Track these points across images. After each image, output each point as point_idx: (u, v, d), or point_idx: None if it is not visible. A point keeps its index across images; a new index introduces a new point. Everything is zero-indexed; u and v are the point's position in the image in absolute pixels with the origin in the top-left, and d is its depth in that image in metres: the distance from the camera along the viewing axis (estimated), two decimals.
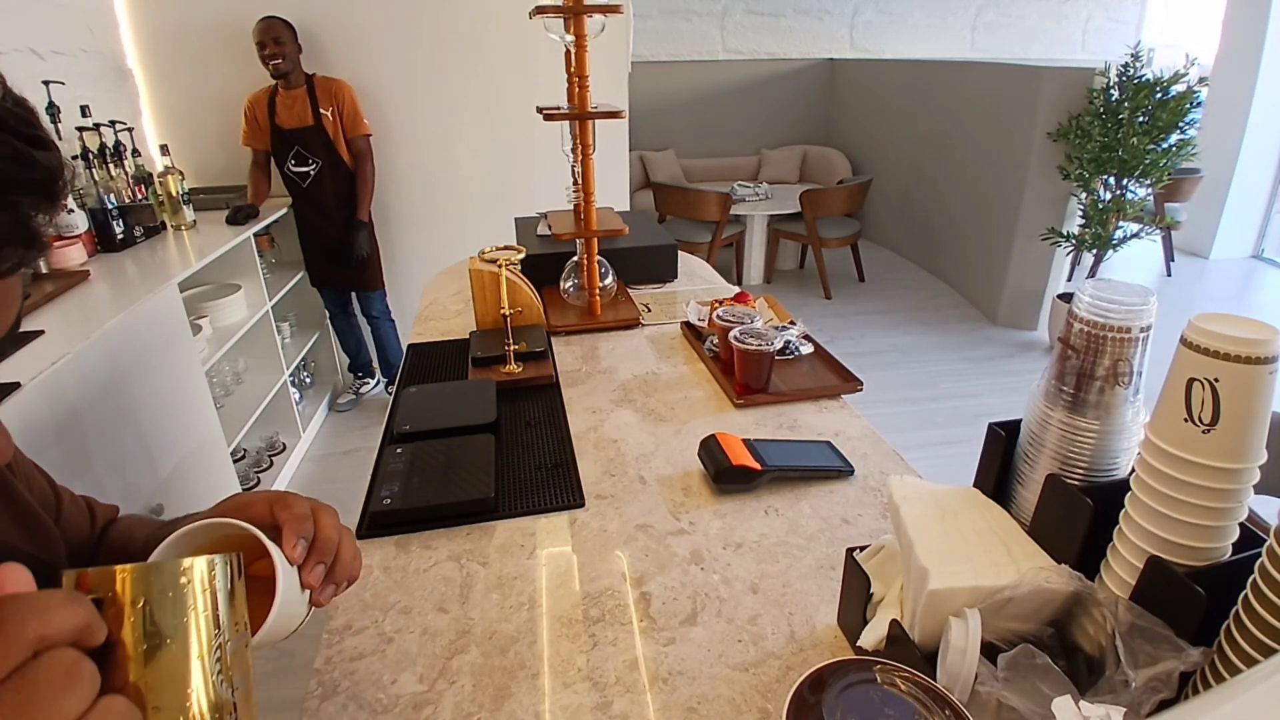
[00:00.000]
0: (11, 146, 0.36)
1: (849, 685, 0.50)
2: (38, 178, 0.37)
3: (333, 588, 0.51)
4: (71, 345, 1.50)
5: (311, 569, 0.48)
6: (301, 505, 0.50)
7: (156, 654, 0.33)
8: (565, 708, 0.66)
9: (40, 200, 0.38)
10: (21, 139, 0.37)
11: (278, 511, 0.49)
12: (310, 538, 0.49)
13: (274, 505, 0.49)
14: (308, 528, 0.49)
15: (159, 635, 0.33)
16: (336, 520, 0.52)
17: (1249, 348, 0.45)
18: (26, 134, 0.37)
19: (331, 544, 0.50)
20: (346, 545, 0.52)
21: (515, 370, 1.27)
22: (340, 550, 0.51)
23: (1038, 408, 0.63)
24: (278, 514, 0.49)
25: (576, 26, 1.32)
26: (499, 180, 3.15)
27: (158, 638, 0.33)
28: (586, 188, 1.46)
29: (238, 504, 0.50)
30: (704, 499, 0.96)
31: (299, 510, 0.49)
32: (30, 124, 0.38)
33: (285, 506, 0.49)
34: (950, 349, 3.88)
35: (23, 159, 0.36)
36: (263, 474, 2.63)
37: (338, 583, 0.51)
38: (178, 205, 2.46)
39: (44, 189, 0.38)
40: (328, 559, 0.50)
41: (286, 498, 0.50)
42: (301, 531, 0.48)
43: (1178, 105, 3.20)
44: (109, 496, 0.67)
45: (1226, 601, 0.47)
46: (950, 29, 6.15)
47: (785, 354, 1.33)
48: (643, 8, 5.51)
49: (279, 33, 2.55)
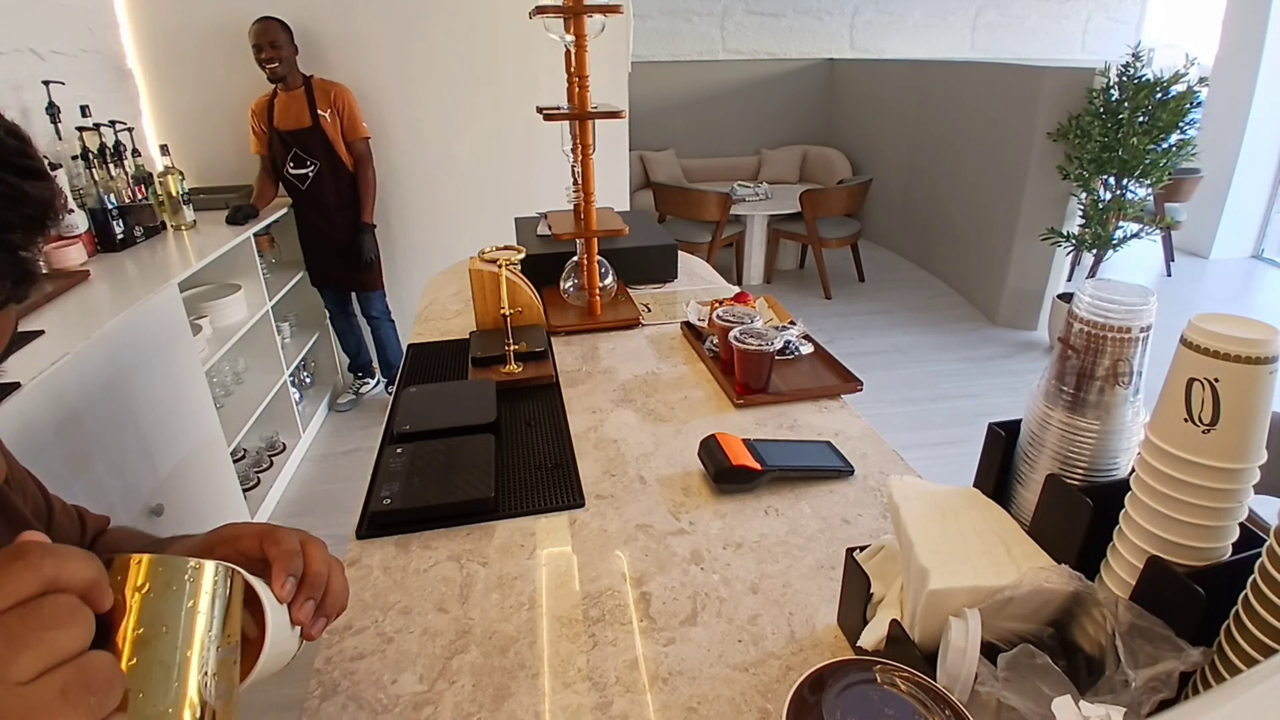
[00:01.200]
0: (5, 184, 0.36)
1: (849, 685, 0.50)
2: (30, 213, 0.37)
3: (324, 621, 0.50)
4: (71, 345, 1.50)
5: (301, 605, 0.48)
6: (291, 540, 0.50)
7: (150, 642, 0.33)
8: (565, 708, 0.66)
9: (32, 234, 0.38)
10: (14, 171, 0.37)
11: (267, 547, 0.49)
12: (299, 574, 0.49)
13: (264, 540, 0.49)
14: (297, 564, 0.49)
15: (156, 624, 0.34)
16: (326, 553, 0.52)
17: (1249, 348, 0.45)
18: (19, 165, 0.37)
19: (321, 579, 0.50)
20: (336, 578, 0.52)
21: (515, 370, 1.27)
22: (330, 583, 0.51)
23: (1038, 408, 0.63)
24: (267, 549, 0.49)
25: (576, 26, 1.32)
26: (499, 180, 3.15)
27: (154, 627, 0.34)
28: (586, 188, 1.46)
29: (227, 535, 0.50)
30: (704, 499, 0.96)
31: (288, 546, 0.49)
32: (24, 154, 0.38)
33: (275, 542, 0.49)
34: (950, 349, 3.88)
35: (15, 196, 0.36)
36: (263, 474, 2.63)
37: (329, 616, 0.51)
38: (178, 205, 2.46)
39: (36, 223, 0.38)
40: (317, 594, 0.49)
41: (276, 533, 0.50)
42: (290, 569, 0.48)
43: (1178, 105, 3.20)
44: (109, 496, 0.67)
45: (1226, 601, 0.47)
46: (950, 29, 6.15)
47: (785, 354, 1.33)
48: (643, 8, 5.51)
49: (274, 35, 2.53)
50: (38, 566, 0.30)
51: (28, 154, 0.38)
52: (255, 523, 0.52)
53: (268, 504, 2.54)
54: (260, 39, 2.53)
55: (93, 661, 0.30)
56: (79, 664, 0.30)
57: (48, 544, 0.31)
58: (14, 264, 0.37)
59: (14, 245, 0.37)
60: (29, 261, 0.38)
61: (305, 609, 0.48)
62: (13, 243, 0.37)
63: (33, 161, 0.38)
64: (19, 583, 0.29)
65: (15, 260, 0.37)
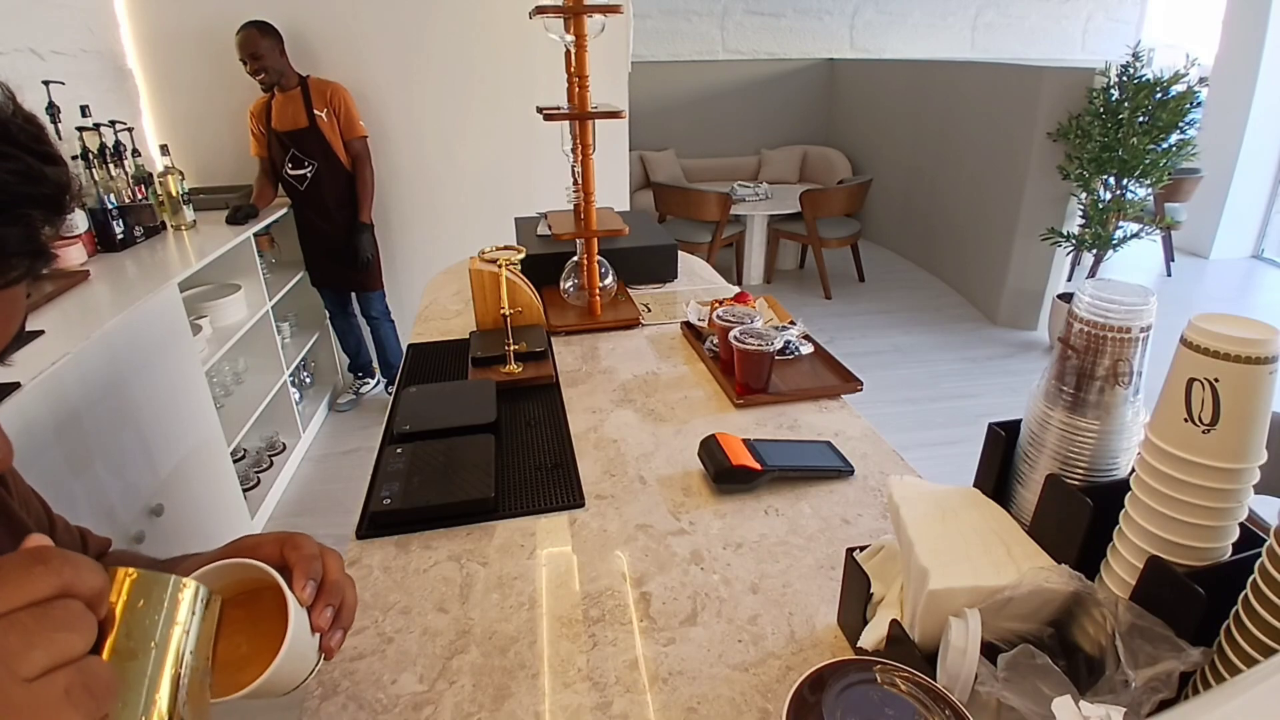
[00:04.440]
0: (23, 162, 0.37)
1: (849, 685, 0.50)
2: (47, 192, 0.39)
3: (341, 633, 0.51)
4: (71, 345, 1.50)
5: (321, 611, 0.48)
6: (311, 546, 0.50)
7: (133, 653, 0.35)
8: (565, 708, 0.66)
9: (49, 214, 0.39)
10: (32, 155, 0.38)
11: (287, 552, 0.49)
12: (319, 579, 0.49)
13: (284, 546, 0.50)
14: (317, 569, 0.49)
15: (138, 637, 0.35)
16: (343, 564, 0.52)
17: (1249, 348, 0.45)
18: (37, 150, 0.39)
19: (339, 587, 0.50)
20: (350, 591, 0.52)
21: (515, 370, 1.27)
22: (344, 594, 0.51)
23: (1038, 408, 0.63)
24: (287, 555, 0.49)
25: (576, 26, 1.32)
26: (499, 180, 3.15)
27: (137, 639, 0.35)
28: (586, 188, 1.46)
29: (247, 545, 0.51)
30: (704, 499, 0.96)
31: (308, 551, 0.50)
32: (40, 140, 0.39)
33: (295, 547, 0.49)
34: (950, 349, 3.88)
35: (34, 174, 0.38)
36: (263, 474, 2.63)
37: (345, 628, 0.51)
38: (178, 205, 2.46)
39: (53, 203, 0.39)
40: (336, 601, 0.50)
41: (296, 538, 0.50)
42: (311, 573, 0.48)
43: (1178, 105, 3.20)
44: (109, 496, 0.67)
45: (1226, 601, 0.47)
46: (950, 29, 6.15)
47: (785, 354, 1.33)
48: (643, 8, 5.51)
49: (254, 46, 2.49)
50: (58, 571, 0.31)
51: (43, 140, 0.39)
52: (273, 532, 0.52)
53: (268, 504, 2.54)
54: (241, 51, 2.51)
55: (93, 666, 0.32)
56: (80, 667, 0.31)
57: (65, 551, 0.33)
58: (31, 239, 0.38)
59: (33, 222, 0.38)
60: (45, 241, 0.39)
61: (325, 615, 0.48)
62: (33, 220, 0.38)
63: (49, 148, 0.40)
64: (39, 584, 0.31)
65: (34, 236, 0.38)
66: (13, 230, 0.37)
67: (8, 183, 0.36)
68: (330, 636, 0.49)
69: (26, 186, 0.37)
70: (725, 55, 5.91)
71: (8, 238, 0.37)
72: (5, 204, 0.37)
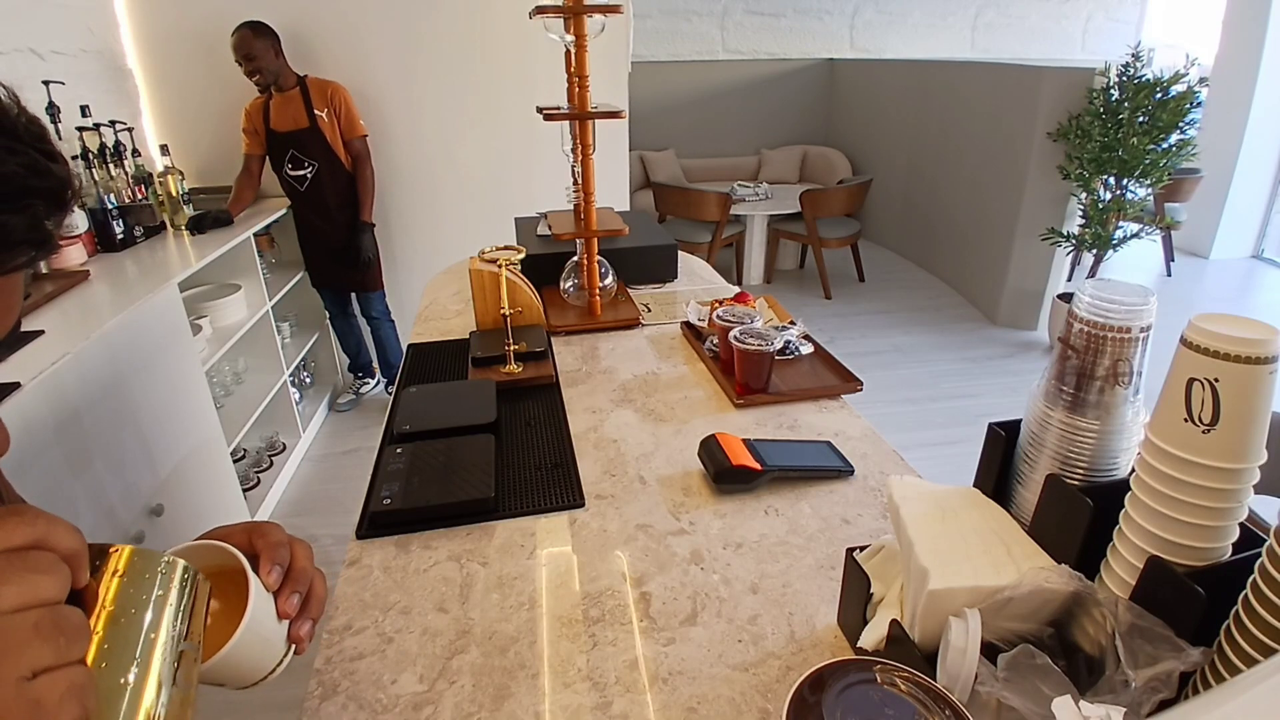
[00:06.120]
0: (29, 155, 0.39)
1: (849, 685, 0.50)
2: (51, 186, 0.40)
3: (310, 624, 0.51)
4: (71, 345, 1.50)
5: (287, 597, 0.49)
6: (279, 534, 0.51)
7: (120, 621, 0.36)
8: (565, 708, 0.66)
9: (52, 207, 0.41)
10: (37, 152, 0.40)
11: (255, 540, 0.50)
12: (285, 565, 0.50)
13: (251, 534, 0.50)
14: (283, 555, 0.50)
15: (127, 607, 0.36)
16: (312, 555, 0.53)
17: (1249, 348, 0.45)
18: (41, 149, 0.40)
19: (306, 575, 0.51)
20: (319, 582, 0.53)
21: (515, 370, 1.27)
22: (313, 585, 0.52)
23: (1038, 408, 0.63)
24: (255, 542, 0.50)
25: (576, 26, 1.32)
26: (499, 180, 3.15)
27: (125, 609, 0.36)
28: (586, 188, 1.46)
29: (218, 535, 0.51)
30: (704, 499, 0.96)
31: (275, 538, 0.50)
32: (43, 139, 0.41)
33: (262, 535, 0.50)
34: (950, 349, 3.88)
35: (39, 168, 0.39)
36: (263, 474, 2.63)
37: (314, 618, 0.52)
38: (178, 205, 2.46)
39: (56, 197, 0.41)
40: (303, 589, 0.50)
41: (263, 527, 0.51)
42: (277, 559, 0.49)
43: (1178, 105, 3.20)
44: (109, 496, 0.67)
45: (1226, 601, 0.47)
46: (950, 29, 6.15)
47: (785, 354, 1.33)
48: (643, 8, 5.51)
49: (248, 48, 2.48)
50: (31, 523, 0.33)
51: (46, 140, 0.41)
52: (243, 521, 0.53)
53: (268, 504, 2.54)
54: (236, 53, 2.49)
55: (65, 610, 0.33)
56: (54, 609, 0.32)
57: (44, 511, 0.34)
58: (35, 229, 0.40)
59: (38, 213, 0.40)
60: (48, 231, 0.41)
61: (291, 601, 0.49)
62: (37, 211, 0.39)
63: (50, 148, 0.41)
64: (12, 533, 0.32)
65: (38, 226, 0.40)
66: (19, 219, 0.38)
67: (15, 174, 0.38)
68: (299, 626, 0.50)
69: (32, 179, 0.39)
70: (725, 55, 5.91)
71: (14, 226, 0.38)
72: (12, 194, 0.38)
